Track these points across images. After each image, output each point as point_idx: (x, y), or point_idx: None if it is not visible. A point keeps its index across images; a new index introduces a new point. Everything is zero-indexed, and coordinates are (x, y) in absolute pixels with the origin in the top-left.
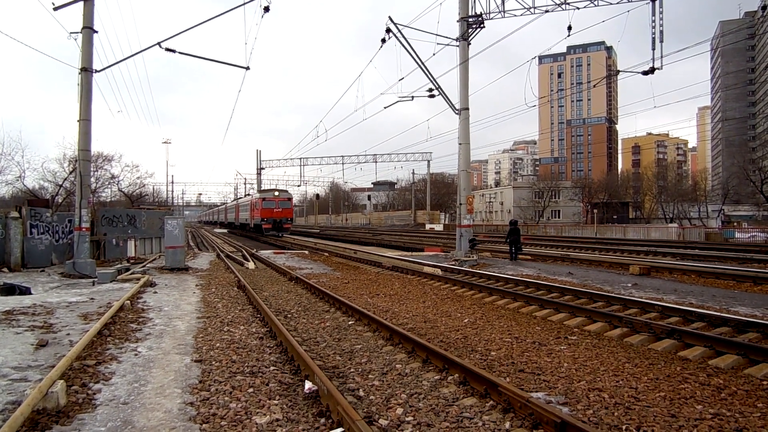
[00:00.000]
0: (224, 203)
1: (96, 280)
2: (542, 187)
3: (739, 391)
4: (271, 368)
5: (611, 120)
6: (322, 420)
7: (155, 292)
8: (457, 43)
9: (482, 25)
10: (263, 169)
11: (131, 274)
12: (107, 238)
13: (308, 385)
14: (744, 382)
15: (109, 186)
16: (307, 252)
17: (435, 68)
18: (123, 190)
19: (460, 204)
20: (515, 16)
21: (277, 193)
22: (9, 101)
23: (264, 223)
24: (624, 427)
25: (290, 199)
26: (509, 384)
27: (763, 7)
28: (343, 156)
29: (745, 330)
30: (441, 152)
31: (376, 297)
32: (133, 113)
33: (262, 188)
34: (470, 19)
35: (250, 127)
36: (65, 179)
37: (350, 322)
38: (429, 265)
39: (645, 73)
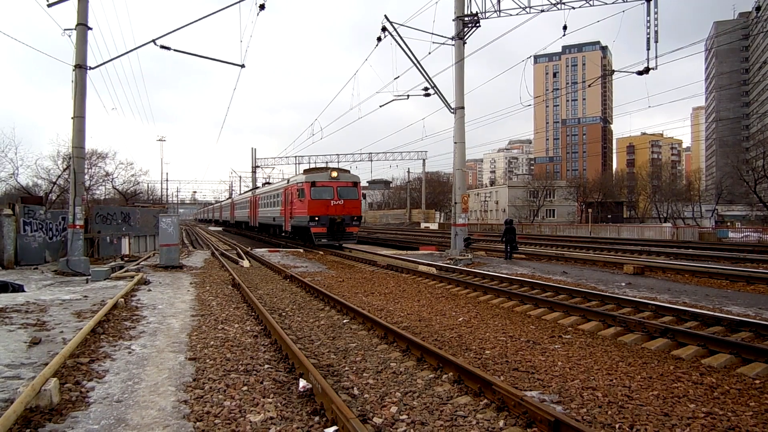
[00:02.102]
0: (228, 198)
1: (90, 277)
2: (537, 187)
3: (732, 390)
4: (266, 366)
5: (606, 120)
6: (317, 418)
7: (149, 290)
8: (453, 42)
9: (478, 24)
10: (258, 167)
11: (125, 271)
12: (101, 235)
13: (302, 383)
14: (736, 381)
15: (104, 183)
16: (301, 250)
17: (430, 67)
18: (117, 187)
19: (456, 203)
20: (511, 15)
21: (335, 175)
22: (2, 98)
23: (314, 225)
24: (617, 426)
25: (357, 183)
26: (503, 383)
27: (758, 8)
28: (338, 154)
29: (737, 329)
30: (436, 151)
31: (371, 295)
32: (128, 110)
33: (310, 167)
34: (466, 18)
35: (246, 125)
36: (59, 176)
37: (345, 321)
38: (424, 264)
39: (639, 73)
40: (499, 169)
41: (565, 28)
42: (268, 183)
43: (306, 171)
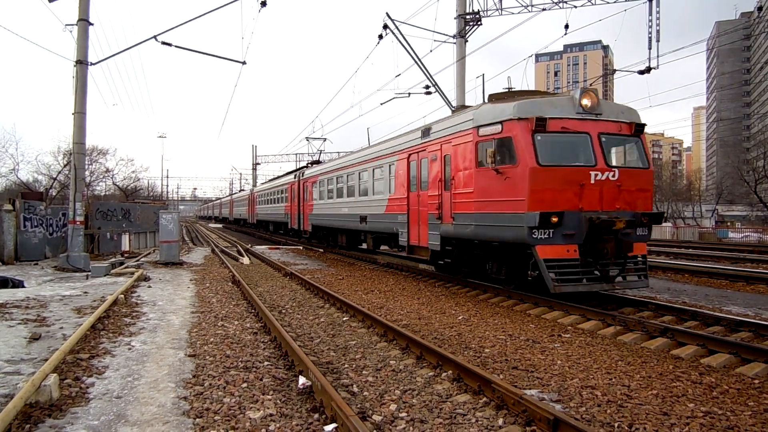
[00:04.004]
0: (239, 190)
1: (90, 273)
2: None
3: (731, 390)
4: (265, 363)
5: None
6: (316, 415)
7: (149, 287)
8: (454, 41)
9: (479, 23)
10: (259, 164)
11: (125, 268)
12: (101, 231)
13: (302, 380)
14: (736, 381)
15: (104, 180)
16: (301, 248)
17: (432, 64)
18: (117, 183)
19: None
20: (512, 13)
21: (588, 103)
22: (3, 93)
23: (545, 239)
24: (616, 425)
25: (641, 128)
26: (503, 381)
27: (759, 8)
28: (339, 152)
29: (737, 329)
30: None
31: (371, 293)
32: (129, 106)
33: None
34: (468, 17)
35: (246, 122)
36: (59, 172)
37: (344, 318)
38: (424, 262)
39: (641, 72)
40: None
41: (566, 26)
42: (317, 162)
43: (495, 97)
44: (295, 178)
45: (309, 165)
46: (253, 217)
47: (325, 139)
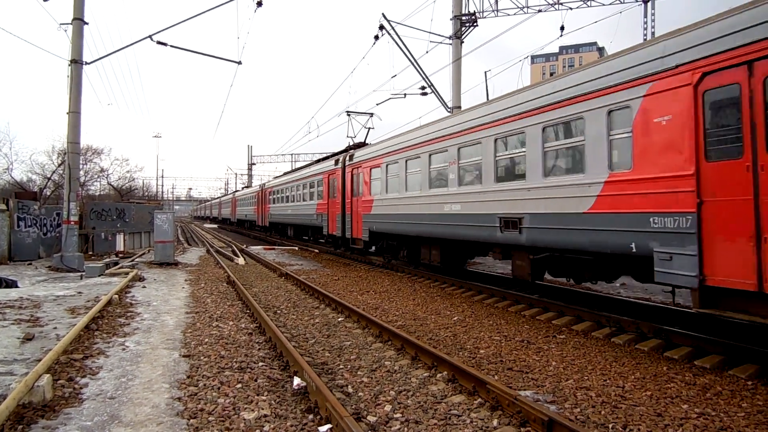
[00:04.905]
0: (244, 187)
1: (84, 274)
2: None
3: (725, 391)
4: (260, 364)
5: None
6: (311, 416)
7: (144, 287)
8: (450, 42)
9: (475, 24)
10: (254, 164)
11: (120, 268)
12: (96, 231)
13: (297, 381)
14: (729, 382)
15: (99, 179)
16: (297, 248)
17: (428, 65)
18: (112, 183)
19: None
20: (508, 15)
21: None
22: None
23: None
24: (611, 426)
25: None
26: (497, 382)
27: None
28: (335, 152)
29: (732, 330)
30: None
31: (366, 294)
32: (124, 106)
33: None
34: (463, 18)
35: (242, 122)
36: (54, 172)
37: (340, 319)
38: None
39: None
40: None
41: (562, 28)
42: (362, 145)
43: None
44: (336, 164)
45: (352, 148)
46: (265, 219)
47: (372, 114)
